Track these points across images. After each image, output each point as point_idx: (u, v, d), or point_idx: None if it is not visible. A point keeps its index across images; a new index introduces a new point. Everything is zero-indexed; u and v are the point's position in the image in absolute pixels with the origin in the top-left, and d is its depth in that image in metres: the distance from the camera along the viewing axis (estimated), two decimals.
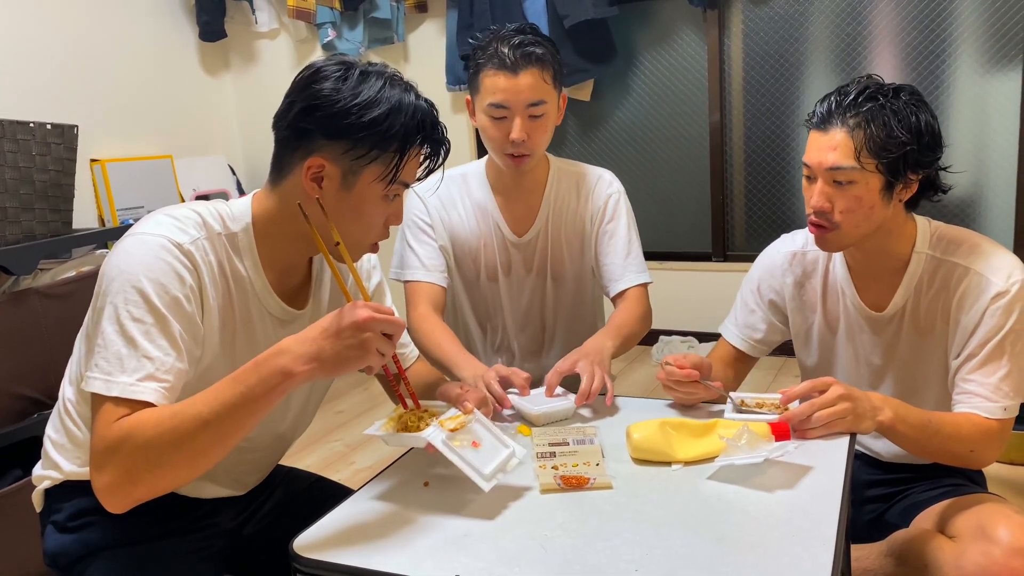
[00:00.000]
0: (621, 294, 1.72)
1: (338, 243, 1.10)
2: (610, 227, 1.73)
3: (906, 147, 1.27)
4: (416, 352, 1.50)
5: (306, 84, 1.10)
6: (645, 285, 1.74)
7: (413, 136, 1.10)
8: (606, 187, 1.76)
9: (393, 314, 1.02)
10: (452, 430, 1.10)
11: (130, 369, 0.99)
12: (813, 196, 1.34)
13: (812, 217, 1.35)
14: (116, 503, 0.98)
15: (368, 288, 1.36)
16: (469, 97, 1.65)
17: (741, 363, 1.61)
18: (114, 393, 0.98)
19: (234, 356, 1.17)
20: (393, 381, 1.15)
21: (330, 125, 1.08)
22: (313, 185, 1.10)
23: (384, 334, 1.00)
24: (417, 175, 1.18)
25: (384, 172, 1.10)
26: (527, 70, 1.54)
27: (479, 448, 1.10)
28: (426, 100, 1.15)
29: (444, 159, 1.19)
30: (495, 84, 1.56)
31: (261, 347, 1.17)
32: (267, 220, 1.16)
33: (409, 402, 1.17)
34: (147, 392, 0.99)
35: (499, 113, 1.58)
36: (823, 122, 1.32)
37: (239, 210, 1.17)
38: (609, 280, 1.74)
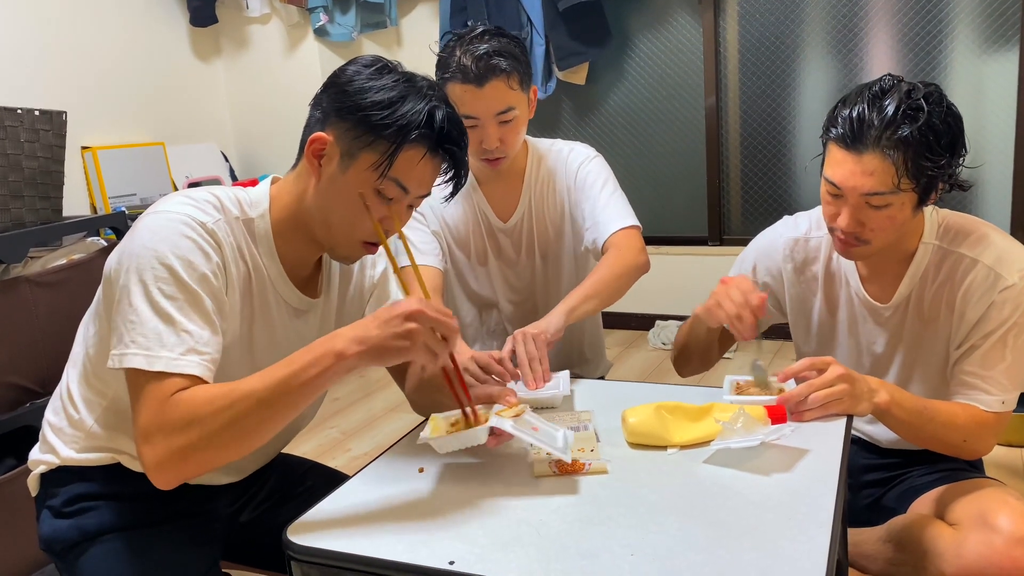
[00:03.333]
0: (607, 243, 1.65)
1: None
2: (586, 189, 1.71)
3: (946, 168, 1.22)
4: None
5: (339, 68, 1.14)
6: (634, 228, 1.66)
7: (412, 130, 1.08)
8: (577, 157, 1.75)
9: (451, 317, 1.01)
10: (514, 417, 1.10)
11: (170, 344, 1.00)
12: (841, 217, 1.27)
13: (839, 234, 1.30)
14: (165, 479, 0.99)
15: (373, 276, 1.36)
16: None
17: (725, 341, 1.58)
18: (157, 368, 0.98)
19: (252, 340, 1.17)
20: (450, 383, 1.11)
21: (339, 101, 1.10)
22: (313, 160, 1.12)
23: (440, 336, 1.00)
24: (425, 187, 1.15)
25: (378, 161, 1.09)
26: (491, 82, 1.54)
27: (539, 432, 1.11)
28: (450, 112, 1.13)
29: (457, 177, 1.18)
30: (462, 97, 1.56)
31: (278, 334, 1.19)
32: (284, 205, 1.17)
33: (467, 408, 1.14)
34: (191, 365, 1.00)
35: (469, 123, 1.57)
36: (854, 142, 1.21)
37: (256, 196, 1.18)
38: (596, 235, 1.68)
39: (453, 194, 1.21)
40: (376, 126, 1.08)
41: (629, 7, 3.65)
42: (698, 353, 1.56)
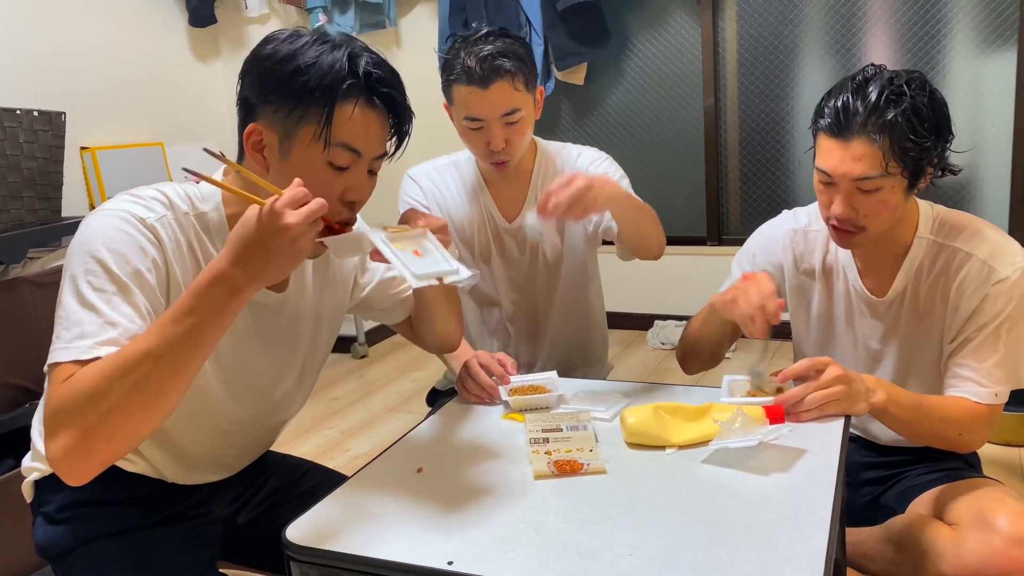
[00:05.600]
0: None
1: None
2: None
3: (932, 150, 1.24)
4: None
5: (253, 51, 1.07)
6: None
7: (338, 86, 1.02)
8: (587, 161, 1.75)
9: (309, 197, 0.92)
10: (395, 232, 1.03)
11: (90, 334, 0.94)
12: (835, 204, 1.29)
13: (834, 222, 1.31)
14: (76, 469, 0.90)
15: (353, 260, 1.34)
16: (447, 103, 1.65)
17: (735, 333, 1.56)
18: (72, 357, 0.92)
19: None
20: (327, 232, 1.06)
21: (261, 86, 1.05)
22: (255, 155, 1.07)
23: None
24: (377, 145, 1.08)
25: (317, 130, 1.03)
26: (496, 83, 1.53)
27: (420, 256, 1.03)
28: (374, 56, 1.06)
29: (400, 126, 1.10)
30: (467, 99, 1.55)
31: (240, 333, 1.15)
32: (236, 201, 1.13)
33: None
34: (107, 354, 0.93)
35: (475, 125, 1.58)
36: (841, 130, 1.25)
37: (207, 190, 1.14)
38: (613, 228, 1.66)
39: (398, 148, 1.13)
40: (302, 95, 1.01)
41: (628, 7, 3.65)
42: (710, 345, 1.55)
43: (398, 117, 1.09)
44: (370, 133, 1.07)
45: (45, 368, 0.96)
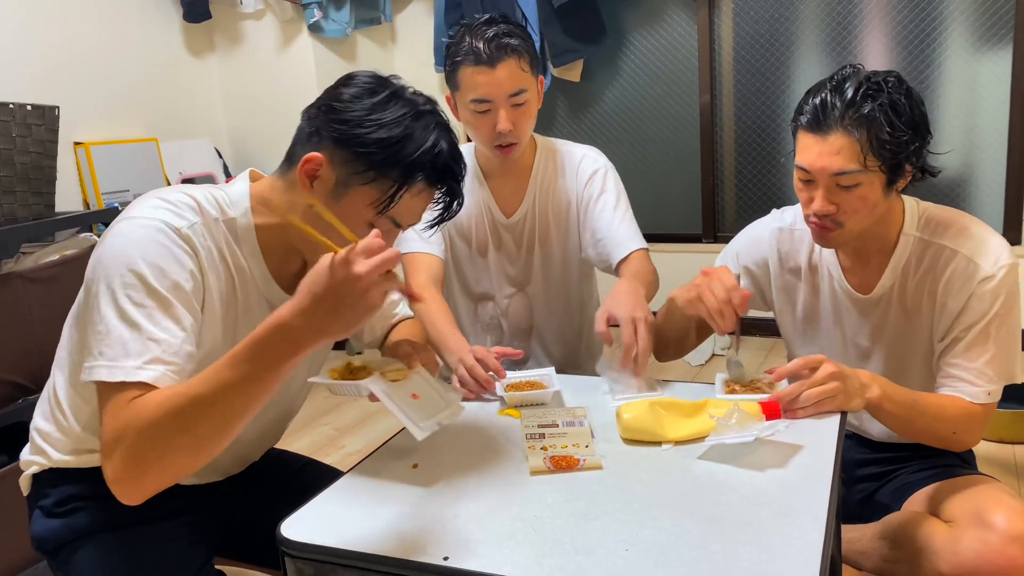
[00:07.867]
0: (625, 260, 1.68)
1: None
2: (599, 201, 1.73)
3: (909, 144, 1.24)
4: (407, 312, 1.51)
5: (335, 85, 1.10)
6: (647, 251, 1.71)
7: (418, 171, 1.05)
8: (591, 164, 1.76)
9: (383, 246, 0.90)
10: (393, 380, 1.09)
11: (135, 353, 0.96)
12: (815, 201, 1.28)
13: (814, 219, 1.31)
14: (129, 493, 0.95)
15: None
16: (449, 94, 1.65)
17: (703, 328, 1.55)
18: (118, 379, 0.94)
19: (236, 345, 1.14)
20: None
21: (339, 130, 1.05)
22: (305, 179, 1.07)
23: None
24: (417, 220, 1.12)
25: (378, 199, 1.05)
26: (504, 62, 1.54)
27: (419, 399, 1.09)
28: (450, 145, 1.09)
29: (451, 212, 1.15)
30: (475, 80, 1.56)
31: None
32: (268, 206, 1.13)
33: (356, 359, 1.15)
34: (154, 375, 0.95)
35: (482, 107, 1.58)
36: (819, 125, 1.25)
37: (236, 195, 1.13)
38: (609, 250, 1.70)
39: (439, 222, 1.18)
40: (379, 164, 1.04)
41: (624, 4, 3.65)
42: (674, 339, 1.56)
43: (449, 200, 1.14)
44: (418, 212, 1.12)
45: (83, 377, 0.97)
